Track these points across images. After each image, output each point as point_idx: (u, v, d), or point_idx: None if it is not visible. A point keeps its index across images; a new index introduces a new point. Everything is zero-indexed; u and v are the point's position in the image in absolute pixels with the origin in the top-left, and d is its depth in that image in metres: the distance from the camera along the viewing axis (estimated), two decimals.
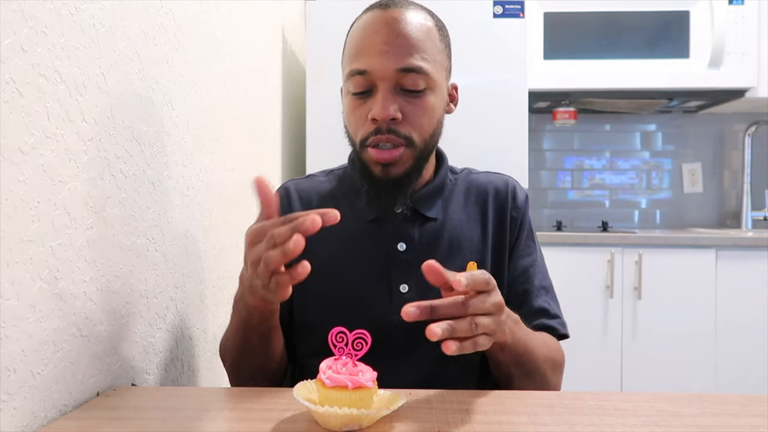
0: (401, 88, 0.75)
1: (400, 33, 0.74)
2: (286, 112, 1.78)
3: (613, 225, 2.43)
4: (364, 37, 0.76)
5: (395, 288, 0.80)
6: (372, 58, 0.74)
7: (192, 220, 0.96)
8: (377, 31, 0.75)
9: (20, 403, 0.53)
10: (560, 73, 2.11)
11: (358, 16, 0.81)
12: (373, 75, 0.74)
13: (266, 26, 1.52)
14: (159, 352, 0.83)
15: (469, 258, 0.81)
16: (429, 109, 0.77)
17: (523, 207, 0.87)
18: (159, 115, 0.83)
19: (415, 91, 0.75)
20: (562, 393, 0.67)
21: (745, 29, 2.07)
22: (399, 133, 0.75)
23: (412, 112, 0.75)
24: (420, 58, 0.74)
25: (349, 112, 0.79)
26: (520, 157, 1.77)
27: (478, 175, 0.90)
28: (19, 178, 0.53)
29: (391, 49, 0.74)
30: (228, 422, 0.57)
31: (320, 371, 0.54)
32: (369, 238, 0.83)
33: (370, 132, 0.76)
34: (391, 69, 0.73)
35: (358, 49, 0.76)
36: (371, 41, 0.75)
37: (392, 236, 0.82)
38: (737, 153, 2.49)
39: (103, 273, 0.68)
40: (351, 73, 0.76)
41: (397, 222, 0.82)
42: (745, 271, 1.92)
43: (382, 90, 0.74)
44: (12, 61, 0.52)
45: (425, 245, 0.82)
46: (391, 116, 0.73)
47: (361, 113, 0.77)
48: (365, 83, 0.75)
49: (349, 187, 0.87)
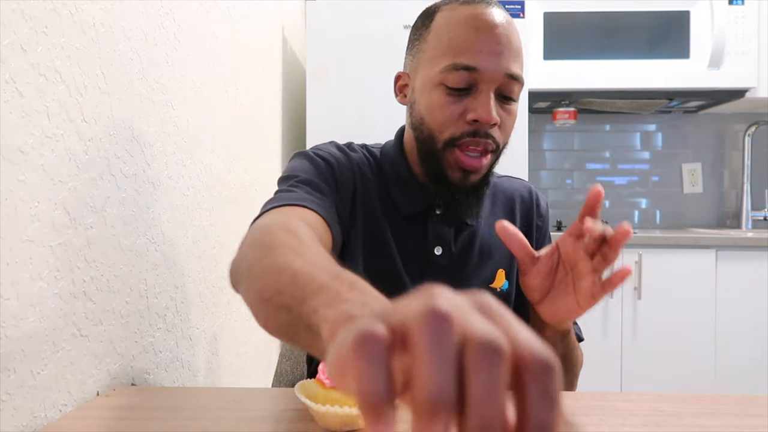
0: (499, 93, 0.72)
1: (510, 37, 0.71)
2: (286, 112, 1.78)
3: (613, 225, 2.43)
4: (475, 31, 0.71)
5: None
6: (485, 56, 0.70)
7: (192, 220, 0.96)
8: (491, 29, 0.71)
9: (20, 403, 0.53)
10: (560, 73, 2.11)
11: (442, 7, 0.75)
12: (483, 74, 0.70)
13: (266, 26, 1.52)
14: (159, 352, 0.83)
15: (499, 264, 0.81)
16: (515, 118, 0.75)
17: (546, 215, 0.87)
18: (159, 115, 0.83)
19: (509, 101, 0.73)
20: (562, 393, 0.67)
21: (745, 29, 2.07)
22: (494, 138, 0.72)
23: (507, 119, 0.73)
24: (520, 67, 0.73)
25: (437, 107, 0.73)
26: (520, 157, 1.77)
27: (501, 179, 0.88)
28: (19, 178, 0.53)
29: (504, 51, 0.70)
30: (228, 422, 0.57)
31: (320, 371, 0.54)
32: (407, 235, 0.79)
33: (465, 132, 0.71)
34: (502, 72, 0.70)
35: (467, 42, 0.71)
36: (485, 39, 0.70)
37: (430, 238, 0.79)
38: (737, 153, 2.49)
39: (103, 273, 0.68)
40: (455, 66, 0.70)
41: (436, 223, 0.79)
42: (745, 271, 1.92)
43: (487, 91, 0.71)
44: (12, 61, 0.52)
45: (459, 250, 0.80)
46: (495, 120, 0.71)
47: (454, 110, 0.72)
48: (469, 80, 0.71)
49: (390, 172, 0.81)
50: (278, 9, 1.68)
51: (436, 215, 0.79)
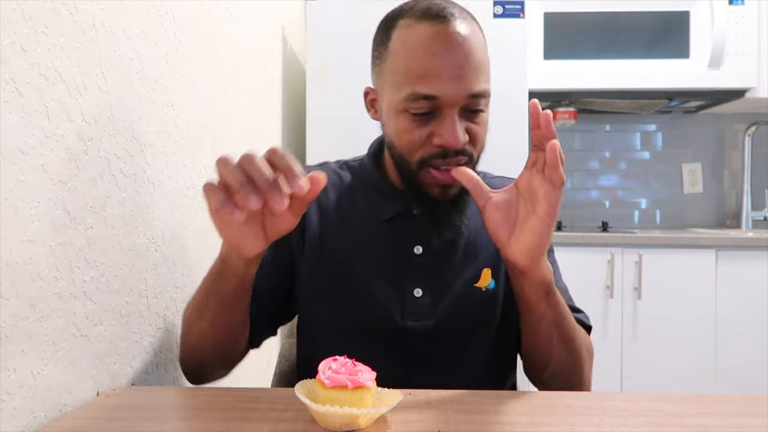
0: (465, 109, 0.71)
1: (470, 55, 0.69)
2: (286, 112, 1.78)
3: (613, 225, 2.43)
4: (432, 56, 0.69)
5: (409, 291, 0.78)
6: (444, 84, 0.69)
7: (192, 220, 0.96)
8: (448, 52, 0.69)
9: (20, 403, 0.53)
10: (560, 73, 2.11)
11: (399, 20, 0.73)
12: (444, 100, 0.69)
13: (266, 26, 1.52)
14: (159, 352, 0.83)
15: (485, 263, 0.80)
16: (486, 124, 0.75)
17: None
18: (159, 115, 0.83)
19: (477, 112, 0.72)
20: (562, 393, 0.67)
21: (745, 29, 2.07)
22: (465, 152, 0.72)
23: (477, 131, 0.73)
24: (485, 80, 0.72)
25: (403, 132, 0.73)
26: (520, 158, 1.77)
27: (493, 179, 0.87)
28: (19, 178, 0.53)
29: (463, 73, 0.69)
30: (228, 422, 0.57)
31: (320, 371, 0.54)
32: (385, 237, 0.80)
33: (433, 155, 0.71)
34: (463, 95, 0.69)
35: (424, 69, 0.69)
36: (442, 64, 0.69)
37: (409, 238, 0.79)
38: (737, 153, 2.49)
39: (103, 273, 0.68)
40: (415, 96, 0.70)
41: (415, 223, 0.79)
42: (745, 272, 1.92)
43: (451, 115, 0.70)
44: (12, 61, 0.52)
45: (442, 249, 0.79)
46: (463, 143, 0.70)
47: (420, 134, 0.71)
48: (431, 107, 0.70)
49: (367, 182, 0.83)
50: (278, 9, 1.68)
51: (414, 215, 0.79)
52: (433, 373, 0.77)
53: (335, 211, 0.82)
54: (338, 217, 0.82)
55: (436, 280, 0.78)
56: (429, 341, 0.77)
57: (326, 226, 0.81)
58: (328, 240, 0.81)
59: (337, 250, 0.80)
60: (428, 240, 0.79)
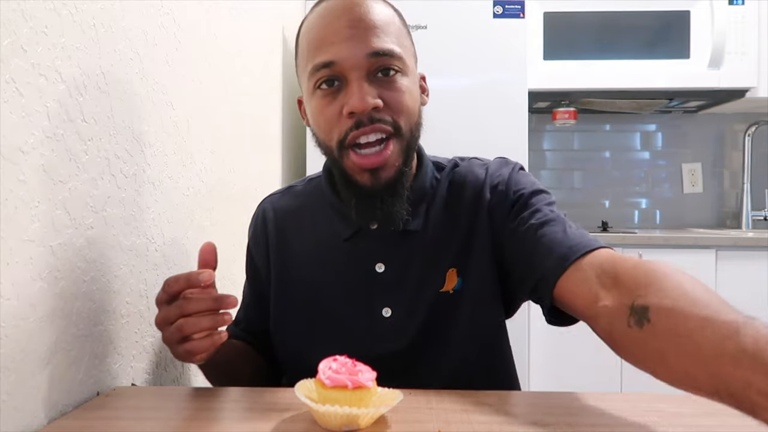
0: (374, 74, 0.67)
1: (363, 16, 0.67)
2: (286, 112, 1.78)
3: (613, 225, 2.43)
4: (325, 26, 0.67)
5: (377, 312, 0.74)
6: (337, 46, 0.66)
7: (192, 220, 0.96)
8: (338, 17, 0.67)
9: (20, 403, 0.53)
10: (560, 73, 2.11)
11: (310, 10, 0.73)
12: (342, 65, 0.66)
13: (266, 26, 1.52)
14: (159, 352, 0.83)
15: (449, 264, 0.75)
16: (407, 91, 0.69)
17: (504, 186, 0.75)
18: (159, 115, 0.83)
19: (389, 75, 0.67)
20: (562, 393, 0.67)
21: (745, 29, 2.07)
22: (384, 120, 0.67)
23: (393, 96, 0.67)
24: (389, 41, 0.67)
25: (317, 114, 0.70)
26: (520, 157, 1.77)
27: (460, 168, 0.80)
28: (19, 178, 0.53)
29: (358, 33, 0.66)
30: (228, 422, 0.57)
31: (319, 371, 0.54)
32: (347, 258, 0.76)
33: (348, 129, 0.67)
34: (361, 55, 0.65)
35: (319, 39, 0.67)
36: (333, 28, 0.66)
37: (370, 256, 0.75)
38: (737, 153, 2.49)
39: (103, 273, 0.68)
40: (315, 67, 0.67)
41: (374, 239, 0.75)
42: (745, 272, 1.92)
43: (356, 79, 0.66)
44: (12, 61, 0.52)
45: (402, 263, 0.75)
46: (372, 105, 0.65)
47: (332, 111, 0.68)
48: (332, 75, 0.67)
49: (325, 202, 0.80)
50: (278, 9, 1.68)
51: (370, 230, 0.75)
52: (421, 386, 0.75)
53: (297, 236, 0.81)
54: (300, 242, 0.81)
55: (402, 297, 0.74)
56: (404, 366, 0.73)
57: (291, 253, 0.81)
58: (291, 269, 0.80)
59: (301, 278, 0.79)
60: (389, 255, 0.75)
